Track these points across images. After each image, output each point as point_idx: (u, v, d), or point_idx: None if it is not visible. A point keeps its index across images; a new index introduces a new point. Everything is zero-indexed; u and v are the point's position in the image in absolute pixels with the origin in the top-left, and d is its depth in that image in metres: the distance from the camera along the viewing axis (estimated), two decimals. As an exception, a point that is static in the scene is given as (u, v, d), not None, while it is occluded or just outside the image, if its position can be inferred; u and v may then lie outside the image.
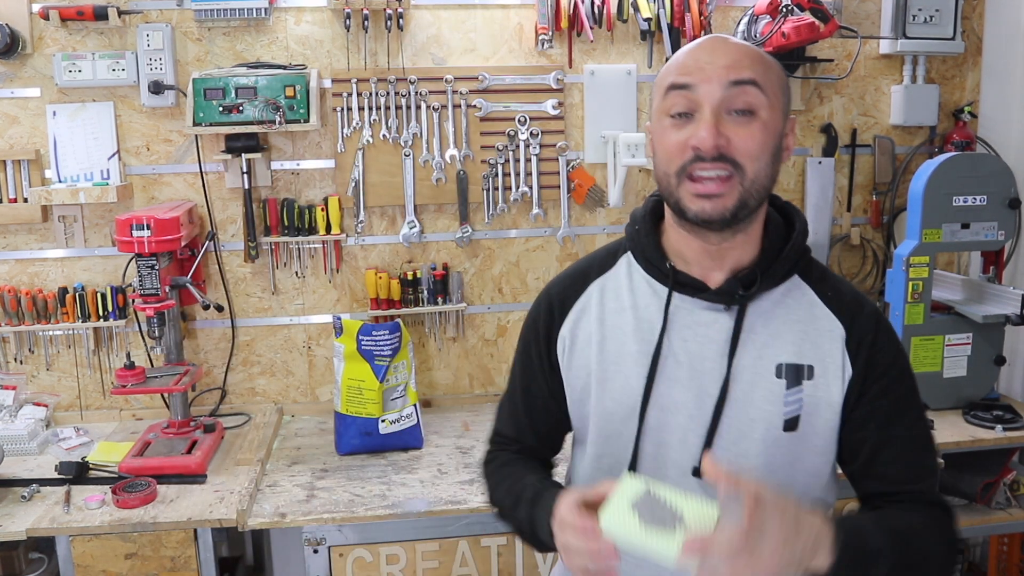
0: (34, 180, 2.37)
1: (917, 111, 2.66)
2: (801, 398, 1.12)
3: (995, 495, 2.28)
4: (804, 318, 1.15)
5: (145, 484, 1.95)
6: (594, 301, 1.23)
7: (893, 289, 2.35)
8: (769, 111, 1.07)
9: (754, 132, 1.06)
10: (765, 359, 1.13)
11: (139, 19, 2.33)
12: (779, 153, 1.11)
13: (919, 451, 1.17)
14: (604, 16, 2.42)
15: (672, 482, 1.09)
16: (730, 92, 1.06)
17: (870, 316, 1.16)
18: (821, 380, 1.13)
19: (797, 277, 1.17)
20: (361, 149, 2.47)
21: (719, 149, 1.05)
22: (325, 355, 2.58)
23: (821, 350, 1.14)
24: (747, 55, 1.08)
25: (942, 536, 1.13)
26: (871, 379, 1.14)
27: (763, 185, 1.08)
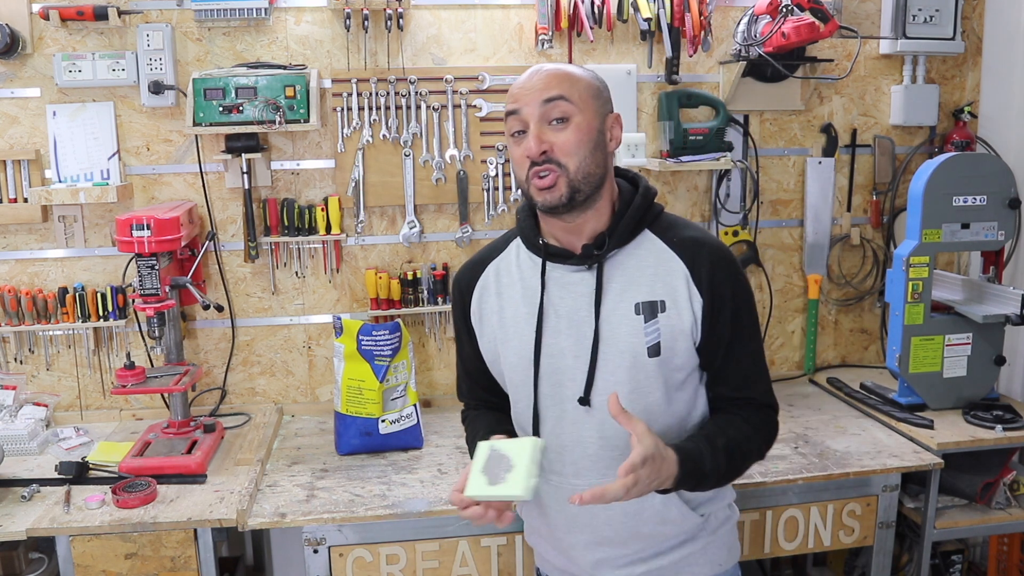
0: (34, 180, 2.37)
1: (917, 111, 2.66)
2: (659, 328, 1.39)
3: (995, 495, 2.28)
4: (654, 263, 1.42)
5: (145, 484, 1.95)
6: (491, 280, 1.54)
7: (893, 289, 2.35)
8: (581, 115, 1.36)
9: (569, 135, 1.35)
10: (625, 302, 1.40)
11: (139, 19, 2.33)
12: (602, 145, 1.39)
13: (752, 364, 1.47)
14: (604, 16, 2.42)
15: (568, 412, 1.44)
16: (545, 108, 1.36)
17: (709, 252, 1.42)
18: (673, 311, 1.40)
19: (647, 231, 1.44)
20: (361, 149, 2.47)
21: (544, 155, 1.35)
22: (325, 355, 2.58)
23: (670, 287, 1.40)
24: (555, 77, 1.37)
25: (765, 434, 1.47)
26: (717, 305, 1.41)
27: (589, 172, 1.36)
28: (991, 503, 2.28)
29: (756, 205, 2.68)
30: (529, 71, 1.41)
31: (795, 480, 2.04)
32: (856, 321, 2.85)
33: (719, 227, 2.67)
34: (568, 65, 1.42)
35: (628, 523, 1.46)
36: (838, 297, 2.82)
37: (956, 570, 2.50)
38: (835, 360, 2.86)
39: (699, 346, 1.43)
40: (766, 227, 2.73)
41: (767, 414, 1.49)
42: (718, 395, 1.50)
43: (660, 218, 1.47)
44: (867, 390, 2.52)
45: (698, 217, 2.68)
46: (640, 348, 1.39)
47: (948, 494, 2.29)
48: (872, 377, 2.63)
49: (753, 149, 2.65)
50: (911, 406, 2.36)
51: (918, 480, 2.23)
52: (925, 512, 2.21)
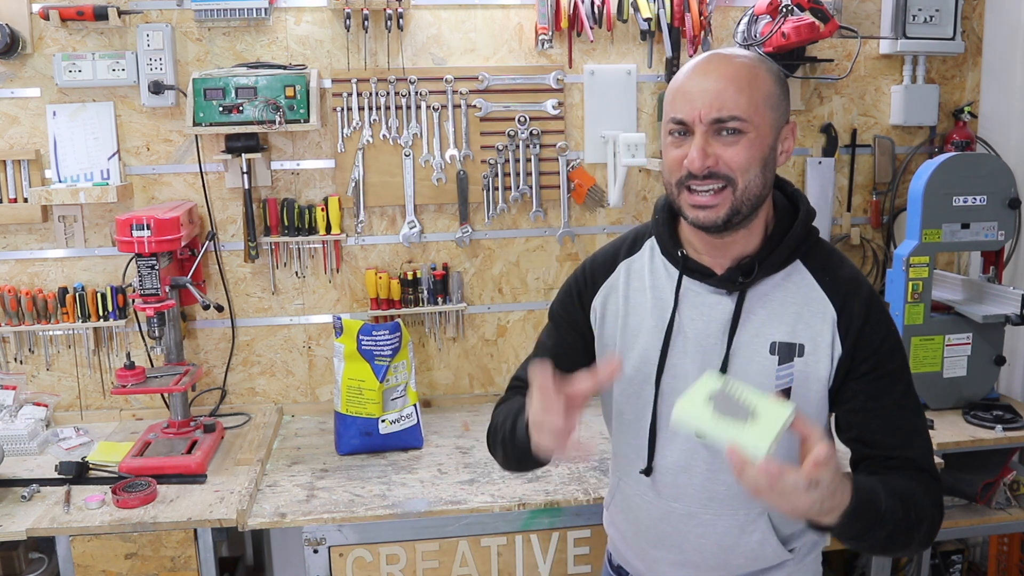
0: (34, 180, 2.37)
1: (917, 111, 2.66)
2: (792, 373, 1.28)
3: (995, 495, 2.28)
4: (800, 301, 1.29)
5: (145, 484, 1.95)
6: (621, 280, 1.41)
7: (893, 289, 2.35)
8: (755, 130, 1.21)
9: (740, 150, 1.21)
10: (761, 337, 1.29)
11: (139, 19, 2.33)
12: (772, 161, 1.25)
13: (909, 418, 1.29)
14: (604, 16, 2.42)
15: (680, 435, 1.32)
16: (715, 125, 1.21)
17: (863, 300, 1.29)
18: (811, 357, 1.28)
19: (799, 262, 1.31)
20: (361, 149, 2.47)
21: (708, 169, 1.21)
22: (325, 355, 2.58)
23: (813, 330, 1.28)
24: (731, 85, 1.20)
25: (933, 501, 1.25)
26: (860, 358, 1.28)
27: (755, 193, 1.23)
28: (991, 503, 2.29)
29: (756, 205, 2.68)
30: (701, 62, 1.24)
31: (795, 480, 2.03)
32: (856, 321, 2.84)
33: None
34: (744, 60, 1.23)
35: (719, 555, 1.36)
36: (838, 297, 2.81)
37: (956, 570, 2.50)
38: (835, 360, 2.85)
39: (833, 400, 1.30)
40: (766, 227, 2.72)
41: (926, 479, 1.26)
42: (863, 459, 1.32)
43: (815, 248, 1.33)
44: (867, 390, 2.52)
45: (698, 217, 2.68)
46: (768, 391, 1.27)
47: (948, 494, 2.29)
48: (872, 377, 2.62)
49: (753, 149, 2.65)
50: (911, 406, 2.36)
51: (918, 480, 2.23)
52: (925, 512, 2.21)
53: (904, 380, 1.30)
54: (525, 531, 1.98)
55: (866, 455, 1.31)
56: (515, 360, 2.66)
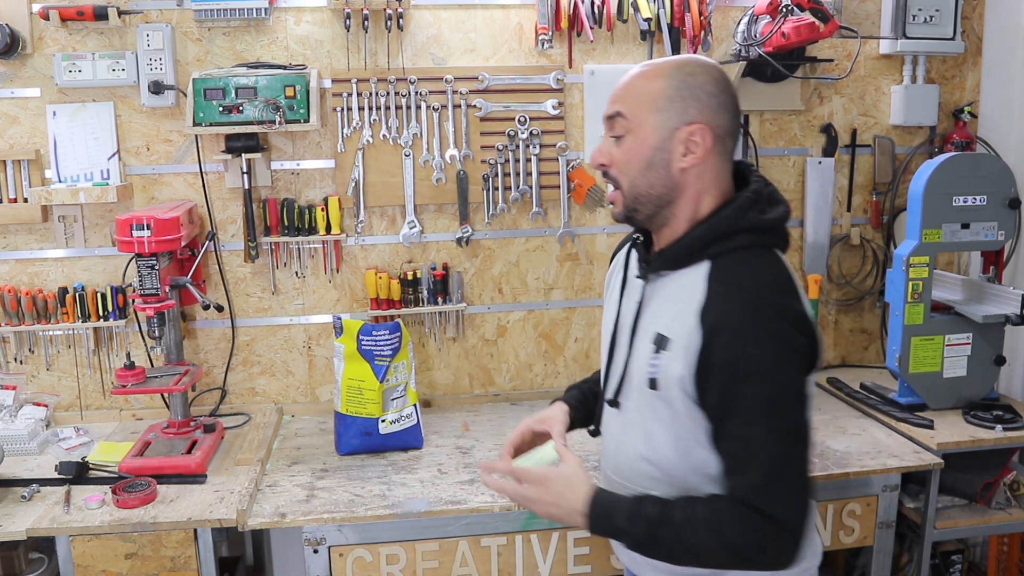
0: (34, 180, 2.37)
1: (917, 111, 2.66)
2: (659, 364, 1.31)
3: (995, 495, 2.28)
4: (685, 298, 1.30)
5: (145, 484, 1.95)
6: (621, 258, 1.53)
7: (893, 289, 2.35)
8: (637, 131, 1.31)
9: (619, 151, 1.33)
10: (652, 325, 1.35)
11: (139, 19, 2.33)
12: (661, 163, 1.30)
13: (744, 450, 1.23)
14: (604, 16, 2.42)
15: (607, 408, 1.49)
16: (607, 123, 1.35)
17: (738, 312, 1.23)
18: (673, 353, 1.29)
19: (709, 264, 1.30)
20: (361, 149, 2.47)
21: (603, 166, 1.37)
22: (325, 355, 2.58)
23: (682, 327, 1.28)
24: (621, 89, 1.34)
25: (717, 533, 1.22)
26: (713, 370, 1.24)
27: (643, 192, 1.32)
28: (991, 503, 2.28)
29: (756, 205, 2.68)
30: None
31: (795, 480, 2.03)
32: (856, 321, 2.85)
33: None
34: (651, 66, 1.32)
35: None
36: (838, 297, 2.82)
37: (956, 570, 2.49)
38: (835, 360, 2.86)
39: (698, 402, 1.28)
40: (766, 227, 2.72)
41: (740, 512, 1.22)
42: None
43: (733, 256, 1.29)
44: (867, 390, 2.52)
45: (698, 217, 2.68)
46: (644, 377, 1.35)
47: (948, 494, 2.29)
48: (872, 377, 2.63)
49: (753, 149, 2.65)
50: (911, 406, 2.36)
51: (918, 480, 2.23)
52: (925, 512, 2.21)
53: (753, 412, 1.22)
54: (525, 531, 1.98)
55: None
56: (515, 360, 2.66)
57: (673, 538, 1.24)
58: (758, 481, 1.21)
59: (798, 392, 1.24)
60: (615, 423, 1.46)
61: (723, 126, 1.30)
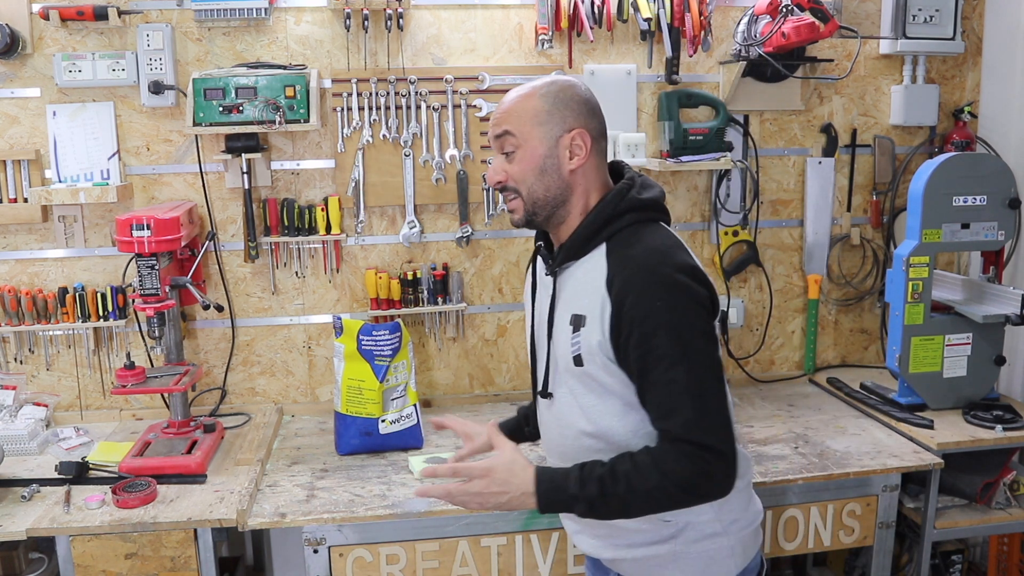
0: (34, 180, 2.37)
1: (917, 111, 2.66)
2: (580, 342, 1.43)
3: (995, 495, 2.28)
4: (590, 278, 1.43)
5: (145, 484, 1.95)
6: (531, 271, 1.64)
7: (893, 289, 2.35)
8: (526, 145, 1.44)
9: (514, 165, 1.46)
10: (566, 310, 1.46)
11: (139, 19, 2.33)
12: (552, 167, 1.45)
13: (669, 395, 1.35)
14: (604, 16, 2.42)
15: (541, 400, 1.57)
16: (497, 143, 1.48)
17: (638, 272, 1.37)
18: (590, 327, 1.41)
19: (605, 246, 1.44)
20: (361, 149, 2.47)
21: (500, 184, 1.49)
22: (325, 355, 2.58)
23: (592, 301, 1.41)
24: (503, 113, 1.47)
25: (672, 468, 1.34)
26: (624, 329, 1.37)
27: (540, 196, 1.46)
28: (991, 503, 2.28)
29: (756, 205, 2.68)
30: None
31: (795, 480, 2.04)
32: (856, 321, 2.85)
33: (719, 227, 2.67)
34: (525, 89, 1.47)
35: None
36: (838, 297, 2.82)
37: (956, 570, 2.50)
38: (835, 360, 2.86)
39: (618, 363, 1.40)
40: (766, 227, 2.73)
41: (680, 448, 1.34)
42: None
43: (623, 233, 1.45)
44: (867, 390, 2.52)
45: (698, 217, 2.68)
46: (568, 356, 1.46)
47: (948, 494, 2.29)
48: (872, 377, 2.63)
49: (753, 149, 2.65)
50: (911, 406, 2.36)
51: (918, 480, 2.23)
52: (925, 512, 2.21)
53: (671, 357, 1.34)
54: (525, 531, 1.98)
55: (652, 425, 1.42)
56: (515, 360, 2.66)
57: (625, 489, 1.34)
58: (689, 417, 1.33)
59: (705, 332, 1.37)
60: (550, 413, 1.55)
61: (596, 128, 1.48)
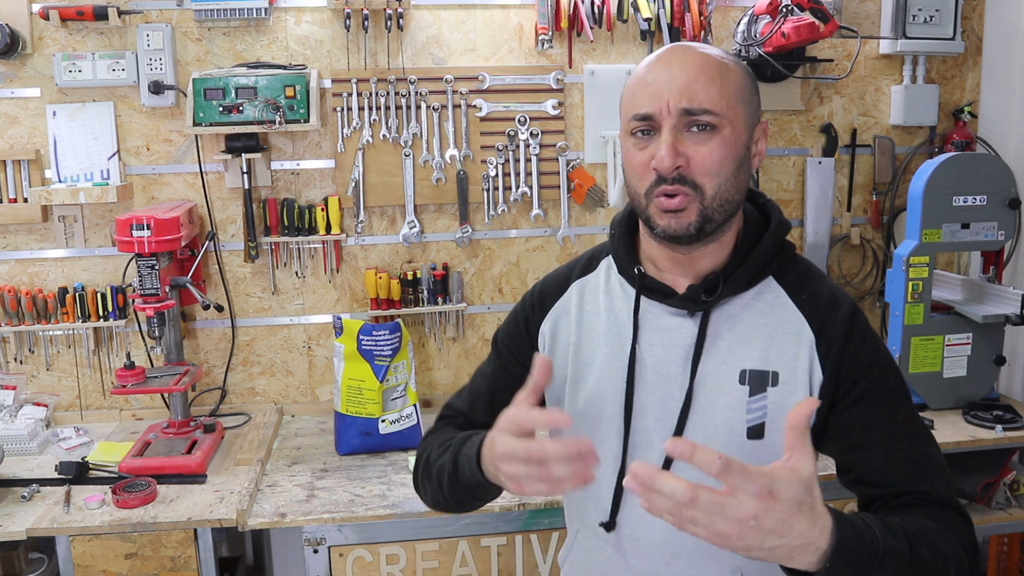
0: (34, 180, 2.37)
1: (917, 111, 2.66)
2: (765, 405, 1.12)
3: (995, 495, 2.28)
4: (773, 322, 1.14)
5: (145, 484, 1.95)
6: (574, 301, 1.26)
7: (893, 289, 2.35)
8: (730, 126, 1.08)
9: (713, 149, 1.07)
10: (729, 364, 1.13)
11: (139, 19, 2.33)
12: (745, 164, 1.11)
13: (918, 448, 1.13)
14: (604, 16, 2.42)
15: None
16: (685, 118, 1.07)
17: (844, 316, 1.14)
18: (787, 386, 1.12)
19: (772, 279, 1.17)
20: (361, 149, 2.47)
21: (678, 171, 1.07)
22: (325, 355, 2.58)
23: (788, 355, 1.13)
24: (702, 74, 1.07)
25: (960, 540, 1.06)
26: (847, 383, 1.12)
27: (727, 199, 1.09)
28: (991, 503, 2.28)
29: (756, 205, 2.68)
30: (664, 53, 1.11)
31: (795, 480, 2.03)
32: (856, 321, 2.84)
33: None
34: (717, 53, 1.11)
35: None
36: (838, 297, 2.81)
37: None
38: (835, 360, 2.85)
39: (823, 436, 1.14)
40: (766, 227, 2.72)
41: (953, 517, 1.09)
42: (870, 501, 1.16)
43: (791, 263, 1.18)
44: (867, 390, 2.52)
45: (698, 217, 2.68)
46: (739, 426, 1.12)
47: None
48: (872, 377, 2.62)
49: (753, 149, 2.65)
50: (911, 406, 2.36)
51: (918, 480, 2.23)
52: (925, 512, 2.21)
53: (904, 403, 1.15)
54: (525, 531, 1.98)
55: (872, 497, 1.15)
56: (515, 360, 2.66)
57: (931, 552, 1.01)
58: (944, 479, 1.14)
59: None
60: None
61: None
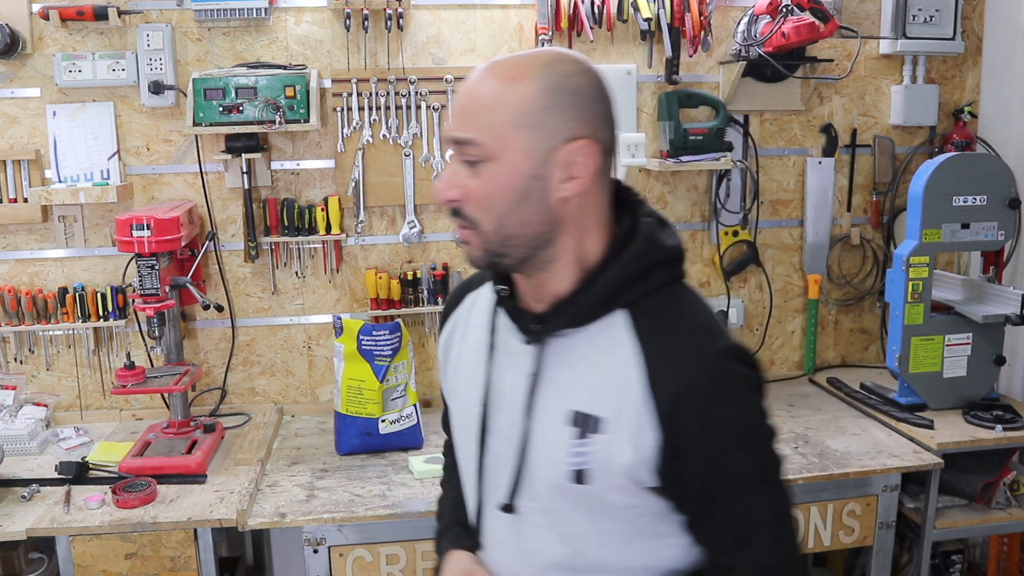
0: (34, 180, 2.37)
1: (917, 111, 2.66)
2: (589, 452, 1.01)
3: (995, 495, 2.28)
4: (607, 364, 1.01)
5: (145, 484, 1.95)
6: (463, 315, 1.21)
7: (893, 289, 2.35)
8: (503, 157, 0.97)
9: (483, 183, 0.98)
10: (562, 401, 1.03)
11: (139, 19, 2.33)
12: (535, 194, 0.98)
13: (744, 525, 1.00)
14: (604, 16, 2.42)
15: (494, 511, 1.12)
16: (455, 146, 1.00)
17: (698, 368, 0.98)
18: (613, 436, 0.99)
19: (622, 313, 1.02)
20: (361, 149, 2.46)
21: (451, 203, 1.01)
22: (325, 355, 2.58)
23: (620, 401, 0.99)
24: (474, 102, 0.99)
25: None
26: (685, 446, 0.98)
27: (511, 234, 0.99)
28: (991, 503, 2.28)
29: (756, 205, 2.68)
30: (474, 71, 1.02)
31: (795, 480, 2.04)
32: (856, 321, 2.85)
33: (719, 227, 2.67)
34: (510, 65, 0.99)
35: None
36: (838, 297, 2.82)
37: (956, 570, 2.49)
38: (835, 360, 2.86)
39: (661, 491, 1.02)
40: (766, 227, 2.73)
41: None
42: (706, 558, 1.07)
43: (657, 296, 1.03)
44: (867, 390, 2.52)
45: (698, 217, 2.68)
46: (562, 468, 1.02)
47: (948, 494, 2.29)
48: (872, 377, 2.63)
49: (753, 149, 2.65)
50: (911, 406, 2.36)
51: (918, 480, 2.23)
52: (925, 512, 2.21)
53: (745, 481, 0.99)
54: (525, 531, 1.98)
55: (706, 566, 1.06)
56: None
57: None
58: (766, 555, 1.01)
59: (774, 440, 1.03)
60: (510, 531, 1.11)
61: (607, 139, 1.01)
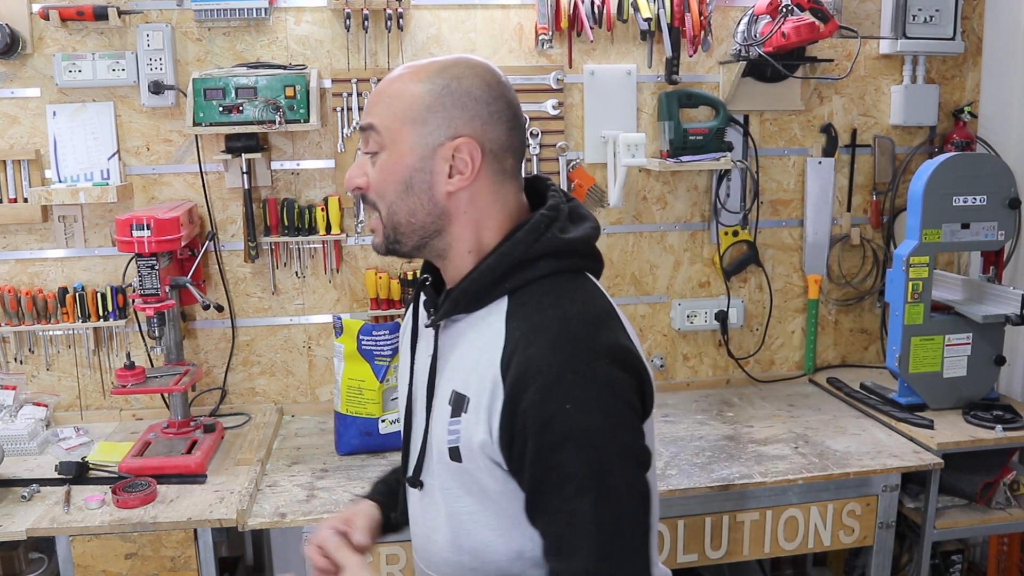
0: (34, 180, 2.37)
1: (917, 111, 2.66)
2: (459, 430, 1.06)
3: (995, 495, 2.28)
4: (480, 347, 1.07)
5: (145, 484, 1.95)
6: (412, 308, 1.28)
7: (893, 289, 2.35)
8: (392, 147, 1.09)
9: (377, 170, 1.10)
10: (450, 382, 1.10)
11: (139, 19, 2.33)
12: (419, 186, 1.08)
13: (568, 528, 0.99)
14: (604, 16, 2.42)
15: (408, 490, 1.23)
16: (362, 136, 1.13)
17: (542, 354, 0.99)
18: (473, 417, 1.04)
19: (507, 301, 1.07)
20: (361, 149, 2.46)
21: (357, 191, 1.13)
22: (325, 355, 2.58)
23: (482, 383, 1.04)
24: (379, 95, 1.11)
25: None
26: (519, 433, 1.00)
27: (399, 221, 1.10)
28: (991, 503, 2.28)
29: (756, 205, 2.68)
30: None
31: (795, 480, 2.04)
32: (856, 321, 2.85)
33: (719, 227, 2.67)
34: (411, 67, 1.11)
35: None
36: (838, 297, 2.82)
37: (956, 570, 2.50)
38: (835, 360, 2.86)
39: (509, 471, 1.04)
40: (766, 227, 2.73)
41: None
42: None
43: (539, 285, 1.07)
44: (867, 390, 2.52)
45: (698, 217, 2.68)
46: (443, 446, 1.08)
47: (948, 494, 2.29)
48: (872, 377, 2.63)
49: (753, 149, 2.65)
50: (911, 406, 2.37)
51: (918, 480, 2.23)
52: (925, 512, 2.21)
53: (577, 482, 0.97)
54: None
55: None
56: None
57: None
58: (589, 566, 0.97)
59: (627, 448, 1.00)
60: (420, 506, 1.18)
61: (497, 140, 1.08)
